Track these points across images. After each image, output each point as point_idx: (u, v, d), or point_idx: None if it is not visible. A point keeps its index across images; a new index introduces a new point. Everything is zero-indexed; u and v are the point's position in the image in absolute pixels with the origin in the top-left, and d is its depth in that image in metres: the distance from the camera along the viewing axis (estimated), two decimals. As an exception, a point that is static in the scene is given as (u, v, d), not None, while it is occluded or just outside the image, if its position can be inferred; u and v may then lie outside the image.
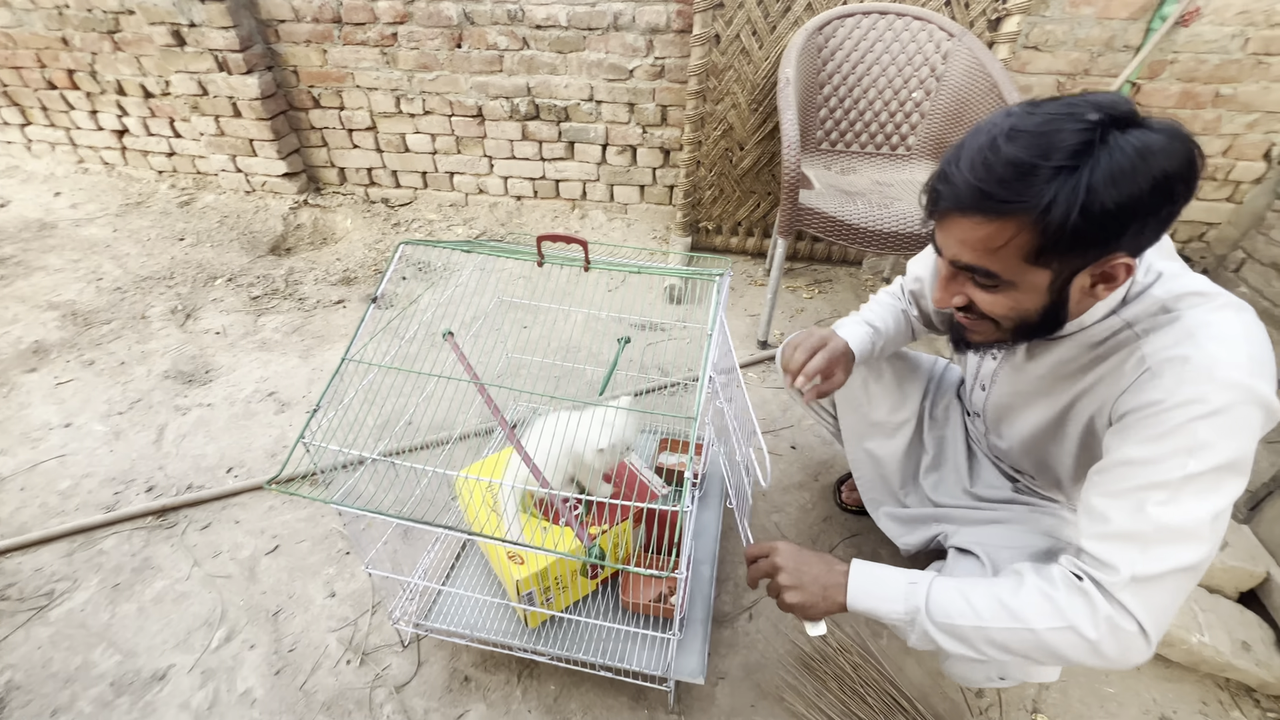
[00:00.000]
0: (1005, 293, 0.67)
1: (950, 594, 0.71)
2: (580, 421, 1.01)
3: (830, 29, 1.95)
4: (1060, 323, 0.70)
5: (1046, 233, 0.59)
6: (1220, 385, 0.60)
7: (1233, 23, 1.99)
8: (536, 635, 1.08)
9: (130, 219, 2.70)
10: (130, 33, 2.54)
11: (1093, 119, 0.57)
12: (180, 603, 1.25)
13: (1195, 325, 0.63)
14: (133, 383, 1.80)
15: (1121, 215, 0.57)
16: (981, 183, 0.60)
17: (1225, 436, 0.60)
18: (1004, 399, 0.89)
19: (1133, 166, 0.55)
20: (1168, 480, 0.61)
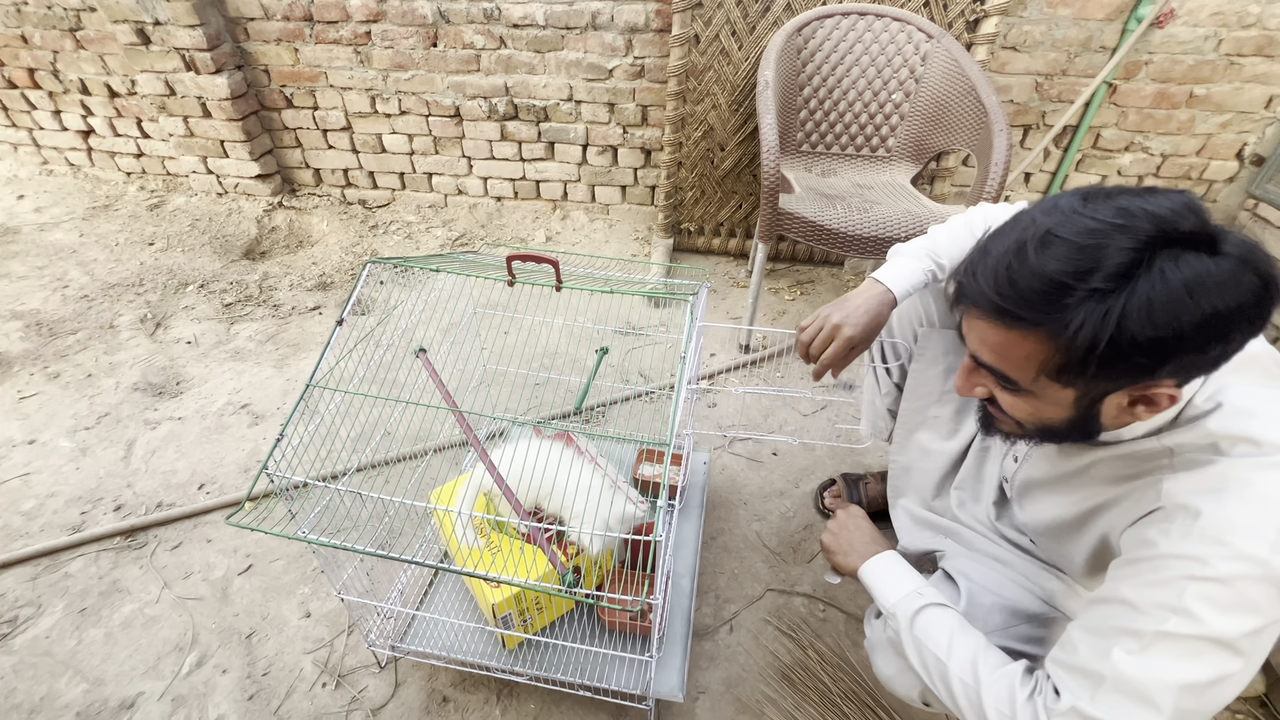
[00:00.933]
0: (1027, 401, 0.62)
1: (941, 624, 0.74)
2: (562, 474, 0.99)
3: (809, 30, 1.94)
4: (1092, 434, 0.64)
5: (1069, 355, 0.53)
6: (1228, 554, 0.53)
7: (1206, 24, 2.00)
8: (515, 655, 1.07)
9: (97, 223, 2.63)
10: (93, 30, 2.46)
11: (1144, 237, 0.50)
12: (150, 627, 1.22)
13: (1231, 479, 0.55)
14: (100, 396, 1.76)
15: (1157, 351, 0.50)
16: (1001, 297, 0.55)
17: (1219, 609, 0.53)
18: (1032, 479, 0.82)
19: (1177, 300, 0.48)
20: (1141, 631, 0.56)
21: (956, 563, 0.92)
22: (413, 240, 2.60)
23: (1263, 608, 0.53)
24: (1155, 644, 0.55)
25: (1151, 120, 2.22)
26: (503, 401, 1.74)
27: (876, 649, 0.88)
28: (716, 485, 1.52)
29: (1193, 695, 0.54)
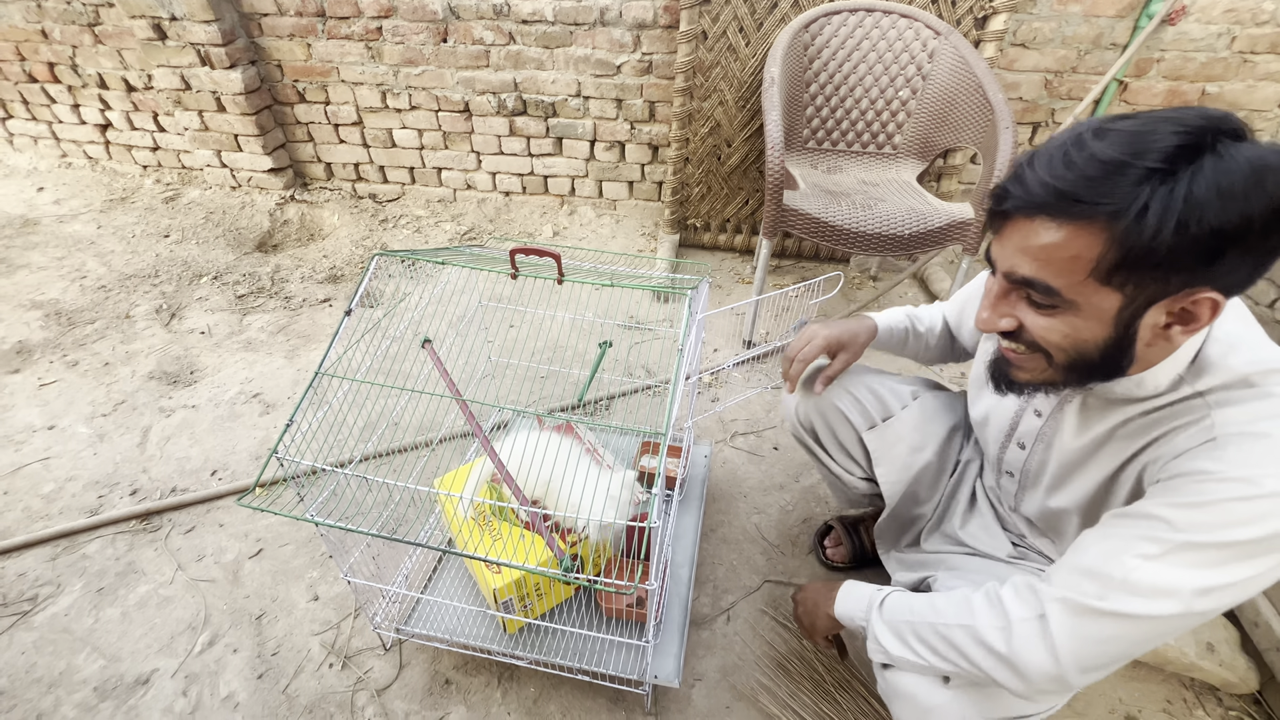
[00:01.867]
0: (1063, 316, 0.58)
1: (900, 600, 0.78)
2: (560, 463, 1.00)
3: (817, 26, 1.94)
4: (1123, 366, 0.60)
5: (1127, 245, 0.51)
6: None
7: (1219, 21, 1.99)
8: (516, 639, 1.10)
9: (115, 215, 2.68)
10: (110, 25, 2.50)
11: (1194, 125, 0.49)
12: (164, 607, 1.26)
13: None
14: (117, 384, 1.80)
15: (1222, 238, 0.49)
16: (1059, 180, 0.52)
17: (1267, 527, 0.53)
18: (1047, 461, 0.79)
19: (1246, 182, 0.47)
20: (1168, 540, 0.56)
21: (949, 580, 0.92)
22: (422, 234, 2.63)
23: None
24: (1179, 552, 0.55)
25: (1162, 118, 2.20)
26: (508, 393, 1.76)
27: (893, 698, 0.81)
28: (717, 478, 1.54)
29: (1210, 598, 0.56)
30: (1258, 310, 2.14)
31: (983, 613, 0.67)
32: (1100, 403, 0.69)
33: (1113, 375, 0.62)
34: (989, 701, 0.72)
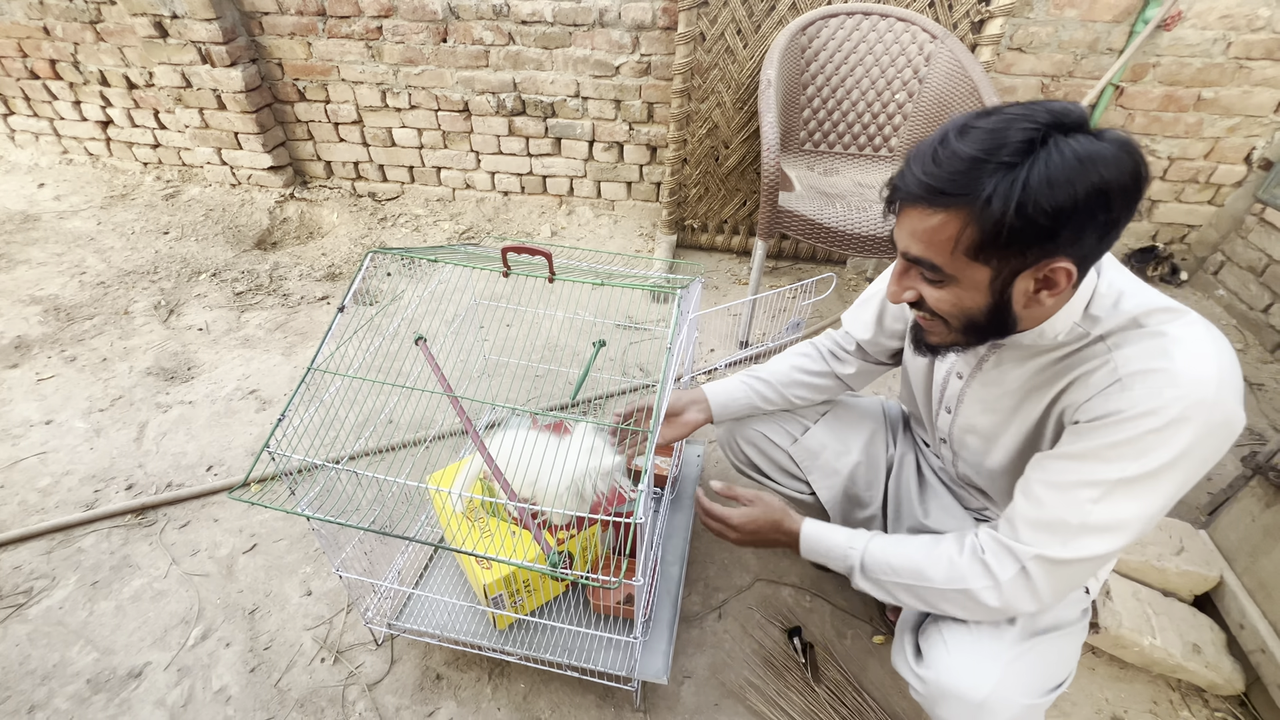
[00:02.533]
0: (949, 288, 0.67)
1: (878, 558, 0.82)
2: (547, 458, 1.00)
3: (814, 29, 1.95)
4: (1008, 326, 0.70)
5: (983, 227, 0.60)
6: (1184, 399, 0.62)
7: (1215, 27, 1.99)
8: (506, 635, 1.10)
9: (115, 211, 2.69)
10: (112, 23, 2.52)
11: (1041, 121, 0.58)
12: (158, 601, 1.27)
13: (1169, 340, 0.64)
14: (114, 379, 1.81)
15: (1057, 217, 0.58)
16: (928, 176, 0.62)
17: (1175, 447, 0.63)
18: (973, 420, 0.86)
19: (1071, 171, 0.57)
20: (1105, 480, 0.66)
21: None
22: (420, 233, 2.64)
23: (1211, 439, 0.63)
24: (1118, 489, 0.65)
25: (1159, 123, 2.21)
26: (503, 392, 1.77)
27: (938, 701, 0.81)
28: (712, 476, 1.55)
29: (1151, 520, 0.67)
30: (1251, 315, 2.14)
31: (973, 577, 0.75)
32: (1014, 357, 0.77)
33: (1004, 334, 0.72)
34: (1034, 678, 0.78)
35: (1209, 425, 0.62)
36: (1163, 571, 1.20)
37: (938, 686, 0.80)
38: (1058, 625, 0.83)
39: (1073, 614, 0.85)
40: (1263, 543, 1.13)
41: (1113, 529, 0.67)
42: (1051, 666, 0.81)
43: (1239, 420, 0.63)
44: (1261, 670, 1.08)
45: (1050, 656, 0.81)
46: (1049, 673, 0.81)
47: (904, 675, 0.87)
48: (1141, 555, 1.21)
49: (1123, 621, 1.13)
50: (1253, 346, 2.08)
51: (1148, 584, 1.22)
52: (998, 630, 0.80)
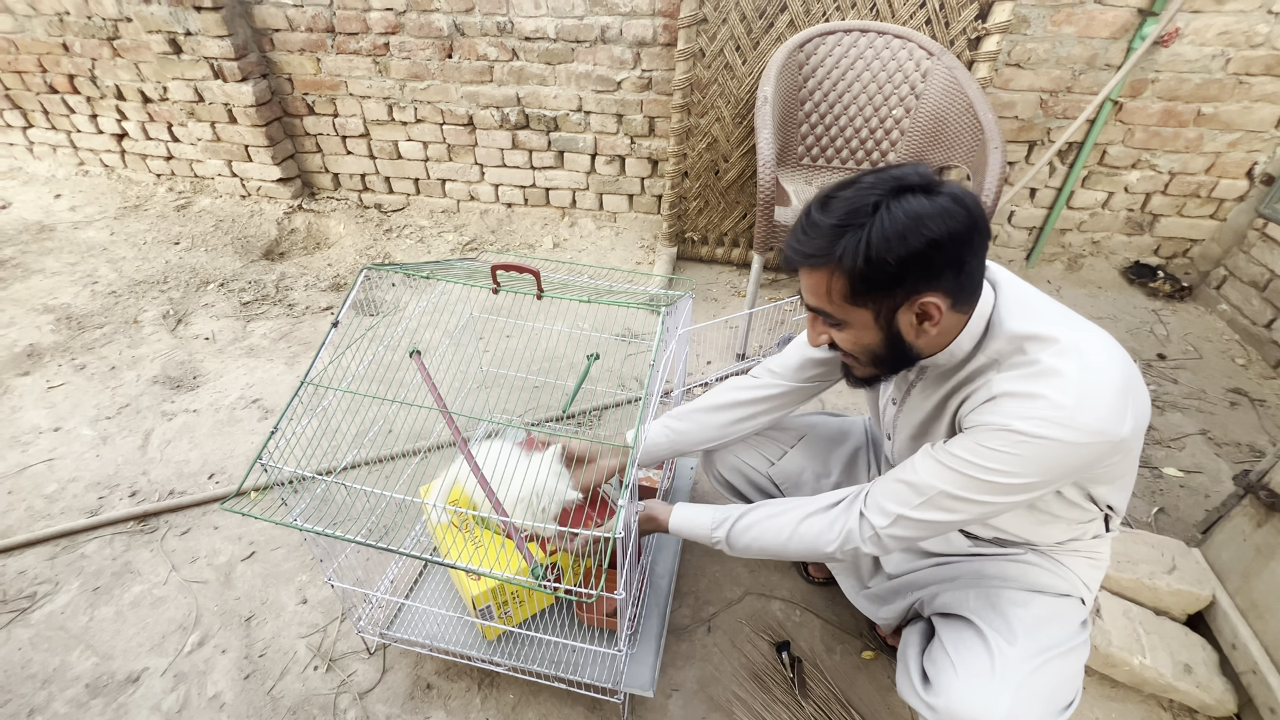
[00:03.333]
0: (846, 330, 0.78)
1: (746, 536, 0.94)
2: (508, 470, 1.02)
3: (812, 46, 1.98)
4: (910, 354, 0.79)
5: (849, 278, 0.71)
6: (1037, 417, 0.70)
7: (1214, 43, 2.00)
8: (496, 646, 1.12)
9: (128, 222, 2.75)
10: (129, 39, 2.59)
11: (885, 189, 0.69)
12: (157, 607, 1.29)
13: (1039, 369, 0.72)
14: (122, 388, 1.85)
15: (900, 265, 0.68)
16: (800, 245, 0.74)
17: (1023, 455, 0.71)
18: (904, 443, 0.93)
19: (903, 227, 0.67)
20: (962, 472, 0.75)
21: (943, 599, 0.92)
22: (425, 244, 2.68)
23: (1067, 454, 0.70)
24: (970, 481, 0.75)
25: (1159, 138, 2.21)
26: (501, 403, 1.79)
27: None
28: (703, 490, 1.56)
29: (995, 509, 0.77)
30: (1254, 330, 2.13)
31: (825, 541, 0.87)
32: (931, 381, 0.86)
33: (909, 361, 0.80)
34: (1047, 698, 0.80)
35: (1062, 442, 0.69)
36: (1154, 590, 1.20)
37: (950, 715, 0.80)
38: (1060, 642, 0.83)
39: (1070, 628, 0.86)
40: (1254, 562, 1.12)
41: (954, 509, 0.78)
42: (1061, 685, 0.82)
43: (1101, 433, 0.69)
44: (1253, 691, 1.07)
45: (1059, 675, 0.82)
46: (1059, 691, 0.81)
47: (912, 704, 0.87)
48: (1133, 573, 1.21)
49: (1112, 640, 1.12)
50: (1255, 362, 2.07)
51: (1139, 602, 1.21)
52: (1005, 651, 0.81)
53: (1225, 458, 1.70)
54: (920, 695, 0.85)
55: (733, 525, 0.95)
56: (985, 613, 0.86)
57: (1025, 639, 0.81)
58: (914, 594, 0.99)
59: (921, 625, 0.96)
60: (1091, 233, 2.47)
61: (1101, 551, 0.92)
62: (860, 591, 1.11)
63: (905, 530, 0.81)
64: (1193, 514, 1.53)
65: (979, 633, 0.84)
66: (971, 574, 0.93)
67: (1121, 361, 0.72)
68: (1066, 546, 0.91)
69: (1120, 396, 0.70)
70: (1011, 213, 2.46)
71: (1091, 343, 0.73)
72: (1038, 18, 2.04)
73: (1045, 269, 2.51)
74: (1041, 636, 0.82)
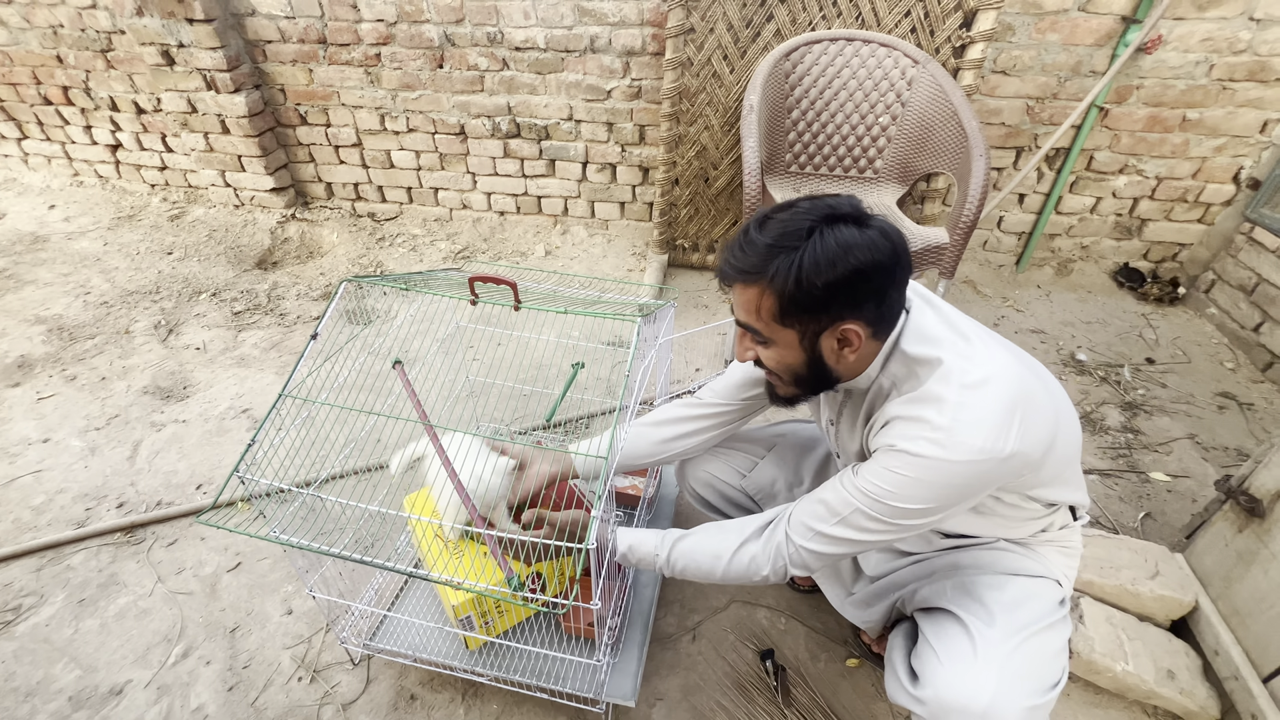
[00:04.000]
0: (772, 348, 0.81)
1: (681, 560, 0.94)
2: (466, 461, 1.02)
3: (798, 55, 1.99)
4: (829, 378, 0.82)
5: (778, 296, 0.74)
6: (927, 443, 0.73)
7: (1197, 50, 2.01)
8: (478, 657, 1.12)
9: (121, 232, 2.76)
10: (122, 52, 2.60)
11: (819, 215, 0.72)
12: (142, 619, 1.29)
13: (921, 393, 0.76)
14: (112, 398, 1.85)
15: (827, 290, 0.72)
16: (736, 260, 0.77)
17: (914, 480, 0.75)
18: (844, 457, 0.98)
19: (833, 254, 0.70)
20: (864, 491, 0.79)
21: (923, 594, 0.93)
22: (417, 253, 2.69)
23: (950, 474, 0.73)
24: (870, 501, 0.78)
25: (1145, 143, 2.22)
26: (489, 412, 1.80)
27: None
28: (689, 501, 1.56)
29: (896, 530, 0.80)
30: (1242, 334, 2.14)
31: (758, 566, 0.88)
32: (854, 403, 0.90)
33: (828, 384, 0.84)
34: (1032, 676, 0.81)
35: (944, 460, 0.72)
36: (1137, 595, 1.20)
37: (939, 704, 0.80)
38: (1038, 619, 0.84)
39: (1048, 605, 0.86)
40: (1236, 568, 1.12)
41: (863, 528, 0.81)
42: (1045, 662, 0.82)
43: (982, 451, 0.71)
44: (1235, 698, 1.07)
45: (1042, 652, 0.82)
46: (1045, 669, 0.82)
47: (903, 704, 0.87)
48: (1116, 579, 1.21)
49: (1095, 646, 1.13)
50: (1243, 366, 2.07)
51: (1122, 608, 1.21)
52: (985, 632, 0.82)
53: (1213, 462, 1.70)
54: (909, 692, 0.85)
55: (670, 553, 0.95)
56: (962, 600, 0.87)
57: (1003, 619, 0.83)
58: (895, 594, 1.00)
59: (906, 627, 0.97)
60: (1080, 237, 2.48)
61: (1072, 541, 0.95)
62: (845, 599, 1.11)
63: (823, 547, 0.83)
64: (1179, 518, 1.53)
65: (958, 620, 0.85)
66: (947, 566, 0.95)
67: (1012, 380, 0.74)
68: (1037, 538, 0.92)
69: (1004, 415, 0.72)
70: (1000, 218, 2.47)
71: (981, 364, 0.75)
72: (1022, 25, 2.06)
73: (1035, 273, 2.52)
74: (1019, 615, 0.84)
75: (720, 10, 2.01)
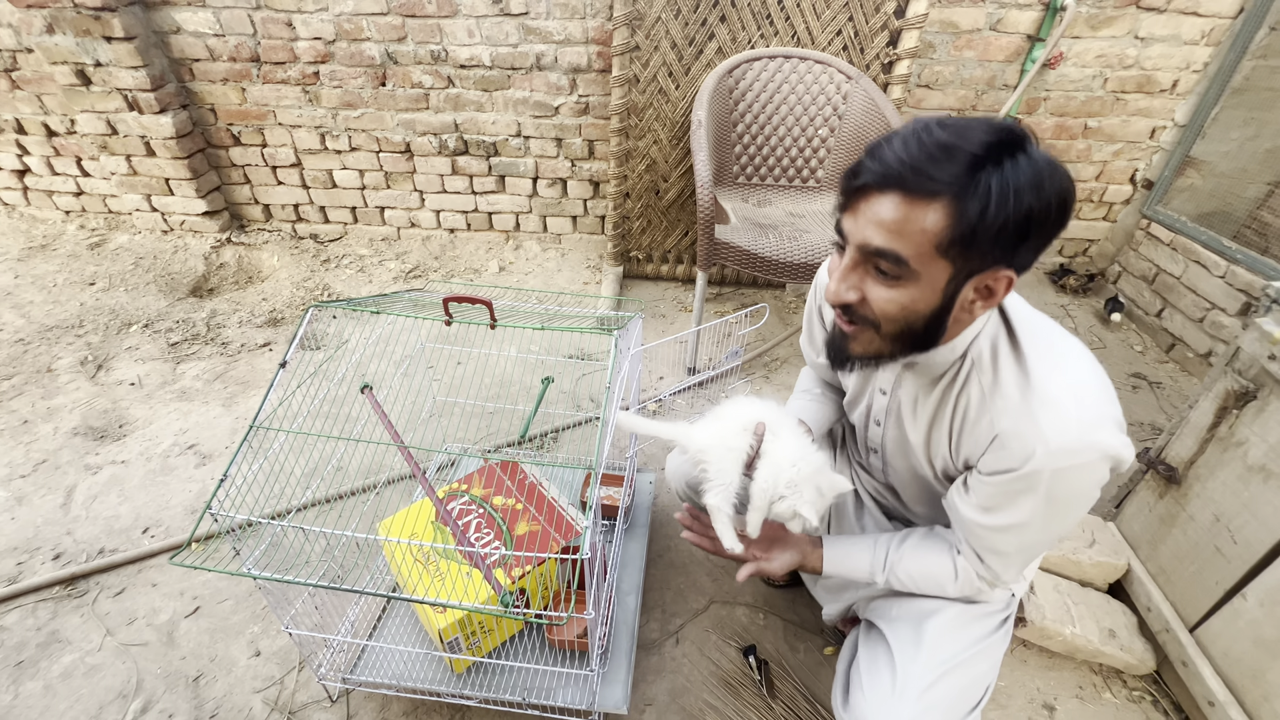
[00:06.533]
0: (903, 287, 0.65)
1: (901, 576, 0.90)
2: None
3: (740, 71, 2.08)
4: (938, 336, 0.70)
5: (965, 221, 0.59)
6: (1052, 457, 0.68)
7: (1093, 65, 2.23)
8: (465, 679, 1.10)
9: (34, 263, 2.57)
10: (29, 71, 2.43)
11: (1004, 127, 0.60)
12: (91, 676, 1.20)
13: (1032, 395, 0.69)
14: (37, 442, 1.72)
15: (1030, 221, 0.59)
16: (913, 159, 0.60)
17: (1056, 494, 0.71)
18: (901, 434, 0.89)
19: (1046, 177, 0.59)
20: (1014, 524, 0.76)
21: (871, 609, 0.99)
22: (366, 273, 2.62)
23: (1088, 475, 0.69)
24: (1027, 528, 0.75)
25: (1054, 149, 2.43)
26: (456, 431, 1.77)
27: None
28: (664, 504, 1.59)
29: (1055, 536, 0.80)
30: (1147, 319, 2.35)
31: (959, 581, 0.87)
32: (922, 374, 0.80)
33: (929, 345, 0.72)
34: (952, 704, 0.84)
35: (1079, 469, 0.69)
36: (1078, 564, 1.31)
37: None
38: (967, 647, 0.87)
39: (984, 629, 0.89)
40: (1159, 531, 1.24)
41: (1029, 549, 0.80)
42: (966, 688, 0.85)
43: (1111, 447, 0.67)
44: (1168, 649, 1.18)
45: (962, 680, 0.85)
46: (965, 694, 0.85)
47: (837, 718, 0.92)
48: (1059, 550, 1.31)
49: (1046, 614, 1.22)
50: (1150, 349, 2.29)
51: (1066, 576, 1.32)
52: (908, 668, 0.85)
53: (1132, 436, 1.86)
54: (840, 713, 0.90)
55: (892, 570, 0.90)
56: (897, 627, 0.91)
57: (929, 652, 0.85)
58: (854, 593, 1.05)
59: (857, 632, 1.00)
60: (1003, 237, 2.68)
61: None
62: (817, 582, 1.16)
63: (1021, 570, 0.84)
64: (1108, 490, 1.67)
65: (888, 649, 0.89)
66: None
67: (1091, 357, 0.72)
68: None
69: (1106, 392, 0.70)
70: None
71: (1063, 348, 0.72)
72: (942, 43, 2.22)
73: (966, 272, 2.69)
74: (948, 645, 0.86)
75: (664, 29, 2.08)
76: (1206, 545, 1.12)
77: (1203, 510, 1.14)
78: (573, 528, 1.23)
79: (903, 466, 0.94)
